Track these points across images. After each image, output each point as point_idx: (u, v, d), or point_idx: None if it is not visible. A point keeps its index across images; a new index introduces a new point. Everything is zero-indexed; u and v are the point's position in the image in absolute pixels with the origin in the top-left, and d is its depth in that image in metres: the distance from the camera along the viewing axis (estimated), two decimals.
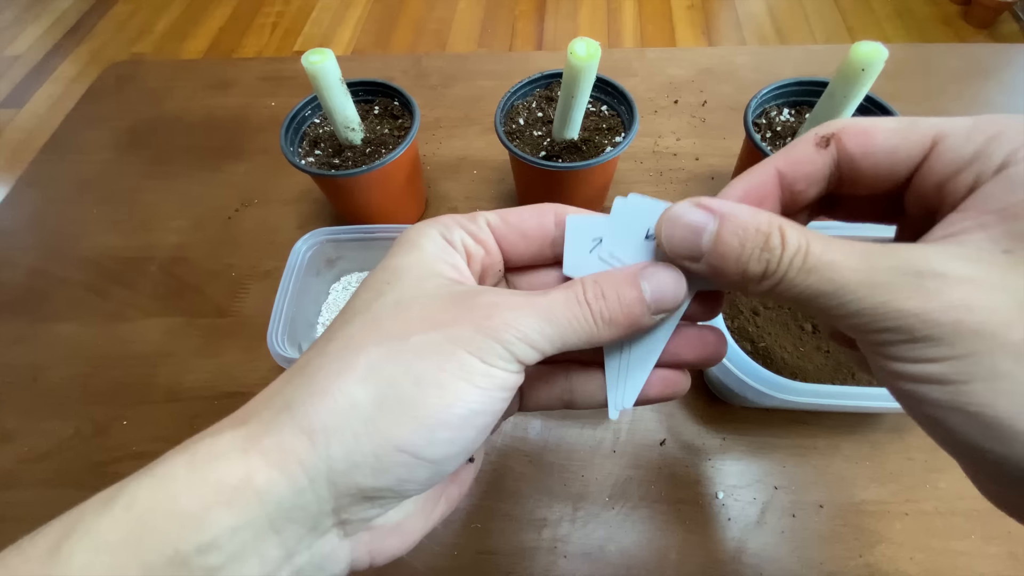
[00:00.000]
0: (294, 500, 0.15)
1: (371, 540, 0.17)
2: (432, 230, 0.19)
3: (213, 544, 0.14)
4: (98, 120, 0.64)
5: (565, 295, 0.17)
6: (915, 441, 0.37)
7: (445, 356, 0.16)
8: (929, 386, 0.13)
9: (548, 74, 0.46)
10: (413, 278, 0.18)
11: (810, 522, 0.35)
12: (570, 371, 0.21)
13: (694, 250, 0.16)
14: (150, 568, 0.13)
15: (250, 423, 0.16)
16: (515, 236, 0.20)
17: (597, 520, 0.35)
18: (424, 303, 0.17)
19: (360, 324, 0.17)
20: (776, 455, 0.37)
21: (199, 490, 0.14)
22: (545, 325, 0.16)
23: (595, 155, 0.41)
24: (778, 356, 0.36)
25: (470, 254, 0.19)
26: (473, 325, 0.16)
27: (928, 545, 0.34)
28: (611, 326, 0.17)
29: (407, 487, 0.16)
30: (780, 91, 0.43)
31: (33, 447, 0.41)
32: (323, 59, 0.37)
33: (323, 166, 0.43)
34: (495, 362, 0.16)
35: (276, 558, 0.15)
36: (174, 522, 0.14)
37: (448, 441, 0.16)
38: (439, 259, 0.18)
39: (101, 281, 0.50)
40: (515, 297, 0.17)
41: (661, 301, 0.17)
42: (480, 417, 0.16)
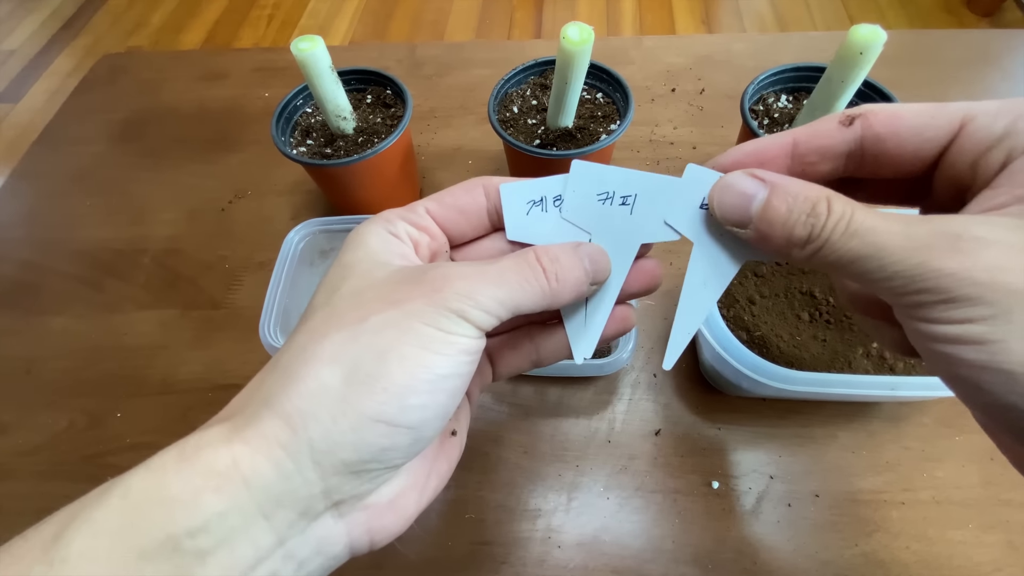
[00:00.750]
0: (281, 484, 0.15)
1: (367, 519, 0.18)
2: (376, 226, 0.20)
3: (203, 528, 0.14)
4: (91, 112, 0.64)
5: (515, 261, 0.18)
6: (912, 430, 0.37)
7: (403, 329, 0.16)
8: (965, 347, 0.14)
9: (542, 61, 0.45)
10: (364, 269, 0.19)
11: (806, 512, 0.34)
12: (532, 333, 0.23)
13: (744, 216, 0.17)
14: (144, 551, 0.14)
15: (234, 418, 0.16)
16: (454, 215, 0.21)
17: (592, 510, 0.35)
18: (378, 288, 0.18)
19: (321, 316, 0.18)
20: (772, 445, 0.37)
21: (188, 477, 0.15)
22: (496, 290, 0.17)
23: (590, 143, 0.41)
24: (774, 345, 0.35)
25: (416, 242, 0.20)
26: (426, 299, 0.17)
27: (925, 534, 0.33)
28: (564, 286, 0.19)
29: (391, 456, 0.17)
30: (777, 77, 0.43)
31: (27, 439, 0.41)
32: (312, 46, 0.37)
33: (315, 156, 0.43)
34: (452, 328, 0.17)
35: (268, 544, 0.15)
36: (165, 508, 0.14)
37: (420, 406, 0.17)
38: (387, 251, 0.19)
39: (94, 273, 0.50)
40: (465, 267, 0.18)
41: (597, 272, 0.20)
42: (448, 380, 0.17)
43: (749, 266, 0.39)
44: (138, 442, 0.40)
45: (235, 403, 0.18)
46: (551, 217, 0.21)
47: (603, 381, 0.40)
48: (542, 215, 0.21)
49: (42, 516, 0.16)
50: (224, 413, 0.17)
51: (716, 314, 0.31)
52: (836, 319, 0.37)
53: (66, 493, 0.14)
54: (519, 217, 0.21)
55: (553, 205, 0.21)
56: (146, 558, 0.14)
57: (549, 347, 0.22)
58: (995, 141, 0.15)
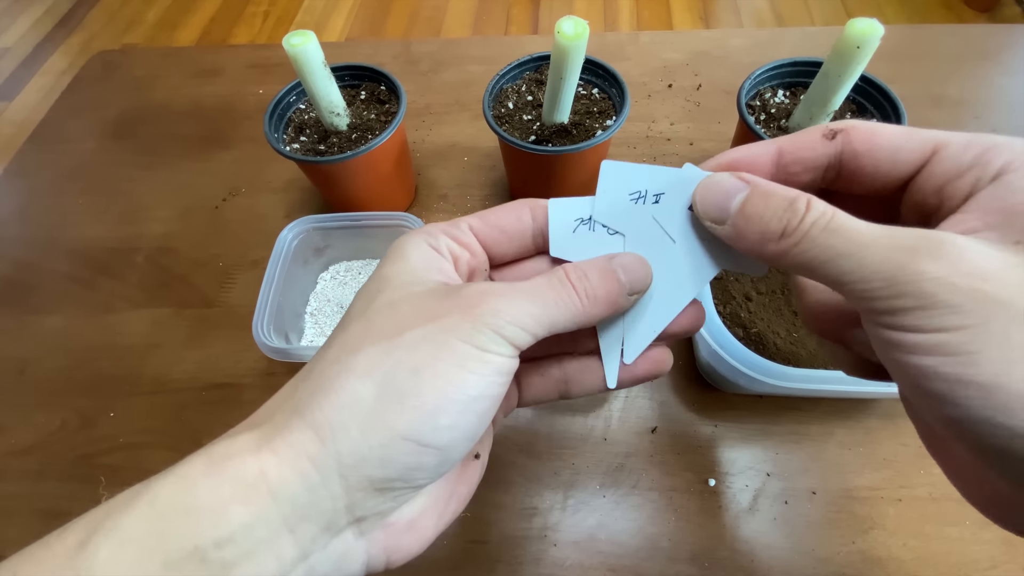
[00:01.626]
0: (307, 496, 0.15)
1: (386, 538, 0.18)
2: (418, 239, 0.20)
3: (229, 539, 0.14)
4: (84, 109, 0.63)
5: (548, 278, 0.18)
6: (909, 427, 0.37)
7: (438, 345, 0.16)
8: (939, 358, 0.13)
9: (538, 56, 0.45)
10: (402, 283, 0.19)
11: (803, 509, 0.34)
12: (563, 362, 0.22)
13: (723, 212, 0.18)
14: (171, 561, 0.14)
15: (263, 426, 0.16)
16: (496, 234, 0.21)
17: (588, 508, 0.35)
18: (414, 302, 0.18)
19: (355, 328, 0.18)
20: (769, 442, 0.37)
21: (216, 487, 0.15)
22: (533, 307, 0.17)
23: (586, 139, 0.40)
24: (771, 342, 0.35)
25: (456, 257, 0.20)
26: (463, 315, 0.17)
27: (921, 531, 0.33)
28: (595, 303, 0.18)
29: (416, 475, 0.17)
30: (774, 72, 0.42)
31: (20, 440, 0.41)
32: (304, 41, 0.36)
33: (308, 152, 0.43)
34: (488, 347, 0.17)
35: (291, 557, 0.15)
36: (193, 517, 0.14)
37: (450, 427, 0.16)
38: (427, 266, 0.19)
39: (87, 272, 0.49)
40: (500, 285, 0.18)
41: (634, 282, 0.19)
42: (479, 402, 0.17)
43: None
44: (131, 442, 0.40)
45: (265, 410, 0.18)
46: (597, 236, 0.20)
47: None
48: (588, 233, 0.21)
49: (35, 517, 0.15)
50: (253, 419, 0.17)
51: (712, 311, 0.31)
52: None
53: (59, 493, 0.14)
54: (565, 234, 0.21)
55: (600, 225, 0.21)
56: (172, 567, 0.14)
57: (579, 379, 0.22)
58: (963, 170, 0.16)
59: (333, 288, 0.44)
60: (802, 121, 0.39)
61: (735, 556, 0.33)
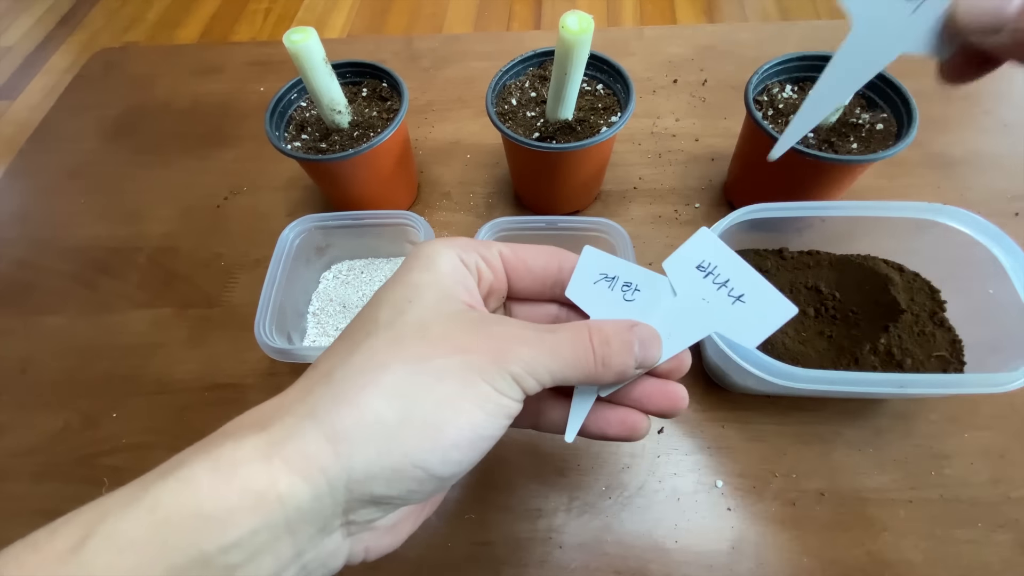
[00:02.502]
0: (312, 504, 0.16)
1: (369, 539, 0.19)
2: (450, 250, 0.20)
3: (235, 544, 0.15)
4: (85, 108, 0.63)
5: (572, 337, 0.19)
6: (920, 427, 0.36)
7: (463, 382, 0.17)
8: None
9: (541, 52, 0.44)
10: (432, 299, 0.19)
11: (811, 511, 0.34)
12: (541, 398, 0.22)
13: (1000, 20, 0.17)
14: (174, 567, 0.14)
15: (271, 428, 0.16)
16: (523, 269, 0.22)
17: (593, 510, 0.34)
18: (445, 326, 0.18)
19: (384, 340, 0.18)
20: (777, 442, 0.36)
21: (224, 495, 0.15)
22: (551, 361, 0.18)
23: (590, 136, 0.40)
24: (779, 342, 0.34)
25: (481, 276, 0.21)
26: (490, 356, 0.17)
27: (933, 533, 0.33)
28: (608, 371, 0.19)
29: (413, 497, 0.17)
30: (782, 66, 0.42)
31: (22, 440, 0.41)
32: (305, 38, 0.36)
33: (310, 151, 0.42)
34: (505, 390, 0.17)
35: (288, 556, 0.16)
36: (199, 524, 0.14)
37: (457, 462, 0.17)
38: (455, 281, 0.20)
39: (89, 272, 0.49)
40: (528, 331, 0.19)
41: (646, 357, 0.20)
42: (484, 441, 0.18)
43: (753, 261, 0.38)
44: (134, 442, 0.40)
45: (272, 408, 0.17)
46: (613, 297, 0.21)
47: None
48: (606, 291, 0.21)
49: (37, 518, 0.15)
50: (259, 418, 0.17)
51: None
52: (842, 314, 0.36)
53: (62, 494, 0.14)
54: (586, 282, 0.21)
55: (620, 288, 0.21)
56: (176, 572, 0.14)
57: (551, 417, 0.23)
58: None
59: (335, 288, 0.44)
60: None
61: (742, 559, 0.32)
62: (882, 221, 0.36)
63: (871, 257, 0.38)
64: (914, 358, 0.34)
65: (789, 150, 0.37)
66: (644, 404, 0.21)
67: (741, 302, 0.20)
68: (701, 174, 0.49)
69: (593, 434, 0.22)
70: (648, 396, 0.21)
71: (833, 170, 0.37)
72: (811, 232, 0.39)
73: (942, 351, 0.35)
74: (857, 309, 0.36)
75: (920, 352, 0.34)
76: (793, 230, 0.39)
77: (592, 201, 0.48)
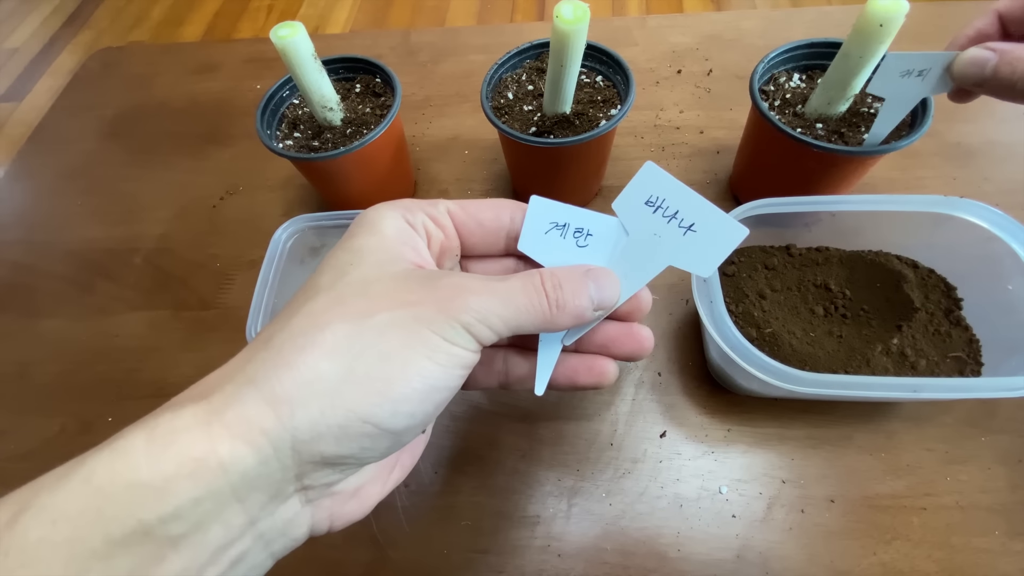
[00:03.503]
0: (259, 470, 0.15)
1: (331, 505, 0.18)
2: (394, 212, 0.20)
3: (175, 514, 0.14)
4: (82, 108, 0.63)
5: (523, 282, 0.18)
6: (934, 431, 0.35)
7: (410, 333, 0.16)
8: None
9: (538, 43, 0.43)
10: (376, 260, 0.18)
11: (820, 518, 0.32)
12: (508, 355, 0.23)
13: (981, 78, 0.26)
14: (112, 538, 0.13)
15: (212, 397, 0.16)
16: (473, 225, 0.21)
17: (593, 517, 0.33)
18: (389, 283, 0.18)
19: (325, 301, 0.17)
20: (784, 447, 0.35)
21: (160, 463, 0.14)
22: (503, 308, 0.18)
23: (589, 129, 0.38)
24: (786, 343, 0.33)
25: (430, 236, 0.20)
26: (436, 306, 0.17)
27: (947, 542, 0.31)
28: (563, 314, 0.19)
29: (368, 455, 0.17)
30: (789, 54, 0.40)
31: (19, 445, 0.41)
32: (292, 33, 0.35)
33: (302, 149, 0.41)
34: (456, 340, 0.17)
35: (239, 525, 0.15)
36: (135, 493, 0.14)
37: (409, 414, 0.17)
38: (401, 241, 0.19)
39: (85, 274, 0.49)
40: (476, 281, 0.18)
41: (603, 298, 0.19)
42: (439, 392, 0.17)
43: (760, 258, 0.37)
44: None
45: (212, 379, 0.17)
46: (565, 245, 0.21)
47: None
48: (558, 240, 0.21)
49: None
50: (198, 390, 0.17)
51: (723, 311, 0.29)
52: (853, 313, 0.35)
53: None
54: (537, 233, 0.21)
55: (572, 235, 0.21)
56: (115, 544, 0.13)
57: (519, 373, 0.22)
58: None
59: None
60: (820, 106, 0.37)
61: (748, 568, 0.31)
62: (895, 215, 0.34)
63: (883, 253, 0.36)
64: (929, 359, 0.33)
65: (797, 142, 0.35)
66: (611, 349, 0.21)
67: (692, 231, 0.20)
68: (706, 168, 0.48)
69: (563, 385, 0.22)
70: (613, 341, 0.21)
71: (843, 162, 0.36)
72: (820, 227, 0.37)
73: (958, 351, 0.33)
74: (868, 308, 0.35)
75: (935, 352, 0.33)
76: (801, 225, 0.38)
77: (593, 196, 0.47)
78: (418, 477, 0.36)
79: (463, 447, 0.37)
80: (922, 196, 0.34)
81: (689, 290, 0.41)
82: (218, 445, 0.15)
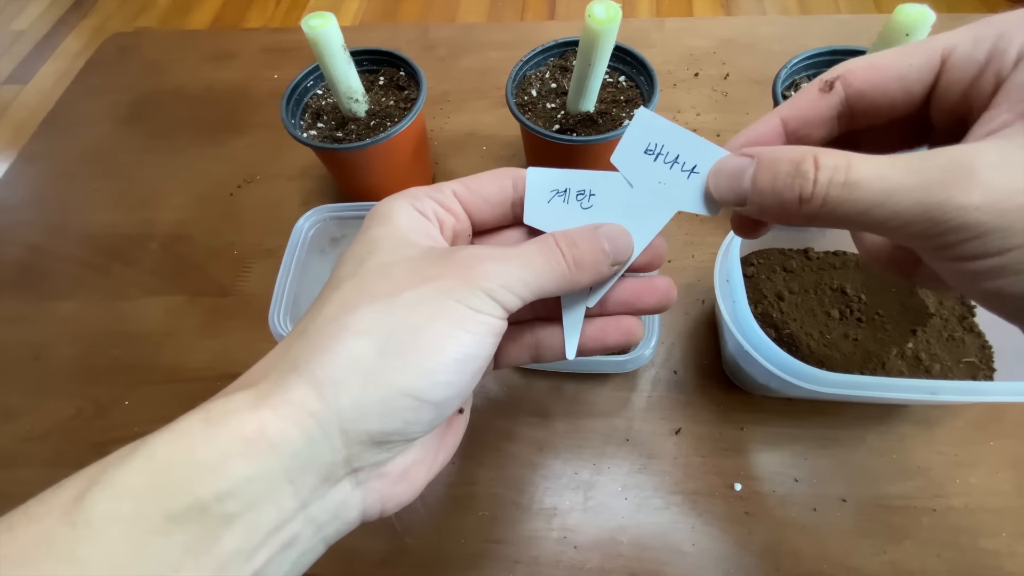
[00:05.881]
0: (308, 451, 0.16)
1: (381, 488, 0.18)
2: (403, 202, 0.20)
3: (231, 492, 0.15)
4: (98, 93, 0.63)
5: (538, 246, 0.19)
6: (944, 434, 0.35)
7: (436, 306, 0.17)
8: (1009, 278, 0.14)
9: (562, 42, 0.43)
10: (392, 246, 0.19)
11: (832, 517, 0.33)
12: (535, 328, 0.23)
13: (739, 193, 0.17)
14: (171, 514, 0.14)
15: (259, 385, 0.16)
16: (479, 201, 0.21)
17: (609, 511, 0.34)
18: (408, 264, 0.18)
19: (350, 287, 0.18)
20: (797, 446, 0.35)
21: (215, 442, 0.15)
22: (523, 272, 0.18)
23: (612, 128, 0.39)
24: (804, 344, 0.34)
25: (441, 222, 0.20)
26: (458, 277, 0.17)
27: (956, 542, 0.32)
28: (582, 270, 0.19)
29: (412, 429, 0.17)
30: (811, 61, 0.41)
31: (35, 426, 0.41)
32: (324, 23, 0.35)
33: (326, 139, 0.42)
34: (482, 308, 0.17)
35: (291, 507, 0.16)
36: (193, 471, 0.14)
37: (447, 383, 0.17)
38: (415, 229, 0.19)
39: (101, 258, 0.49)
40: (492, 250, 0.18)
41: (618, 252, 0.19)
42: (473, 361, 0.17)
43: (778, 260, 0.37)
44: (146, 431, 0.39)
45: (257, 370, 0.18)
46: (570, 210, 0.21)
47: (621, 377, 0.39)
48: (562, 206, 0.21)
49: None
50: (245, 380, 0.17)
51: (747, 311, 0.30)
52: (868, 317, 0.35)
53: None
54: (539, 203, 0.21)
55: (575, 199, 0.21)
56: (173, 520, 0.14)
57: (549, 344, 0.23)
58: (980, 68, 0.15)
59: None
60: None
61: (761, 564, 0.32)
62: None
63: None
64: (943, 363, 0.33)
65: None
66: (635, 305, 0.21)
67: (696, 173, 0.20)
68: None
69: (593, 348, 0.22)
70: (637, 296, 0.21)
71: None
72: (835, 231, 0.38)
73: (971, 357, 0.34)
74: (884, 312, 0.35)
75: (948, 358, 0.34)
76: (816, 228, 0.38)
77: None
78: None
79: (481, 439, 0.37)
80: None
81: (704, 290, 0.42)
82: (267, 426, 0.15)
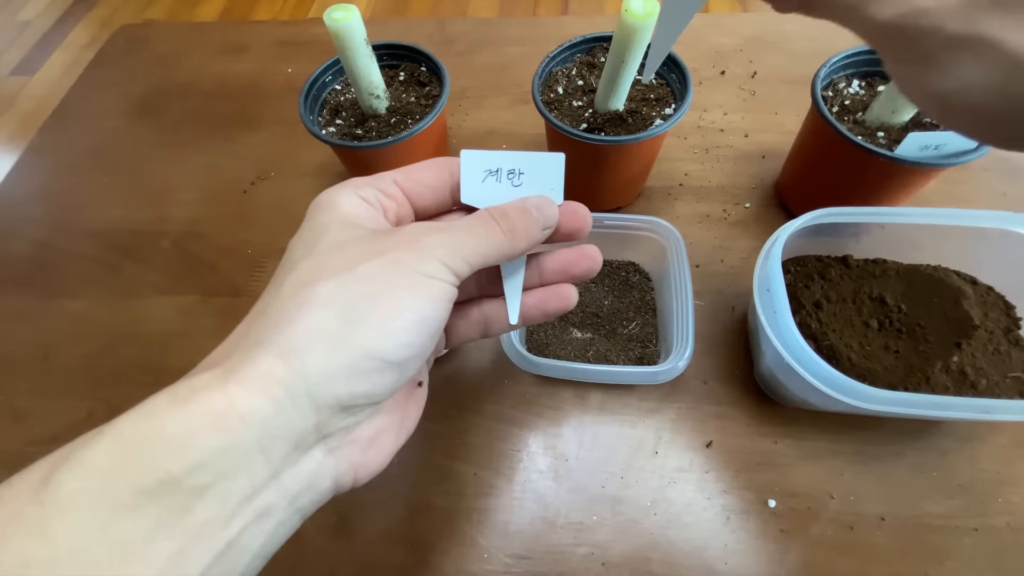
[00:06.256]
0: (278, 418, 0.16)
1: (351, 455, 0.19)
2: (346, 191, 0.21)
3: (201, 464, 0.15)
4: (108, 85, 0.61)
5: (476, 218, 0.20)
6: (986, 450, 0.34)
7: (392, 275, 0.18)
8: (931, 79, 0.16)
9: (590, 38, 0.42)
10: (340, 228, 0.19)
11: (870, 536, 0.32)
12: (482, 304, 0.24)
13: None
14: (142, 489, 0.14)
15: (223, 363, 0.16)
16: (420, 188, 0.22)
17: (638, 527, 0.33)
18: (359, 242, 0.19)
19: (305, 267, 0.18)
20: (834, 462, 0.34)
21: (184, 417, 0.15)
22: (468, 240, 0.19)
23: (642, 128, 0.37)
24: (844, 356, 0.32)
25: (384, 208, 0.21)
26: (410, 248, 0.18)
27: (999, 564, 0.31)
28: (516, 237, 0.20)
29: (378, 391, 0.18)
30: (849, 60, 0.39)
31: (44, 428, 0.40)
32: (348, 16, 0.34)
33: (345, 136, 0.40)
34: (435, 273, 0.18)
35: (264, 476, 0.16)
36: (162, 447, 0.15)
37: (408, 344, 0.18)
38: (359, 214, 0.20)
39: (111, 256, 0.48)
40: (437, 224, 0.20)
41: (546, 218, 0.21)
42: (430, 323, 0.18)
43: (816, 268, 0.36)
44: None
45: (219, 352, 0.18)
46: (502, 187, 0.22)
47: (648, 387, 0.37)
48: (495, 184, 0.22)
49: None
50: (208, 362, 0.18)
51: (790, 322, 0.28)
52: (908, 328, 0.34)
53: None
54: (475, 183, 0.22)
55: (507, 177, 0.22)
56: (144, 494, 0.14)
57: (496, 318, 0.24)
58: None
59: None
60: (883, 115, 0.36)
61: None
62: (953, 229, 0.33)
63: (942, 268, 0.35)
64: (989, 378, 0.32)
65: (859, 148, 0.34)
66: (570, 272, 0.24)
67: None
68: (752, 172, 0.47)
69: (535, 316, 0.24)
70: (571, 263, 0.24)
71: (906, 173, 0.35)
72: (869, 238, 0.37)
73: (1018, 371, 0.32)
74: (925, 323, 0.34)
75: (995, 372, 0.32)
76: (850, 234, 0.37)
77: (635, 197, 0.46)
78: (456, 479, 0.35)
79: (502, 449, 0.36)
80: (985, 211, 0.33)
81: (734, 296, 0.41)
82: (236, 399, 0.15)
